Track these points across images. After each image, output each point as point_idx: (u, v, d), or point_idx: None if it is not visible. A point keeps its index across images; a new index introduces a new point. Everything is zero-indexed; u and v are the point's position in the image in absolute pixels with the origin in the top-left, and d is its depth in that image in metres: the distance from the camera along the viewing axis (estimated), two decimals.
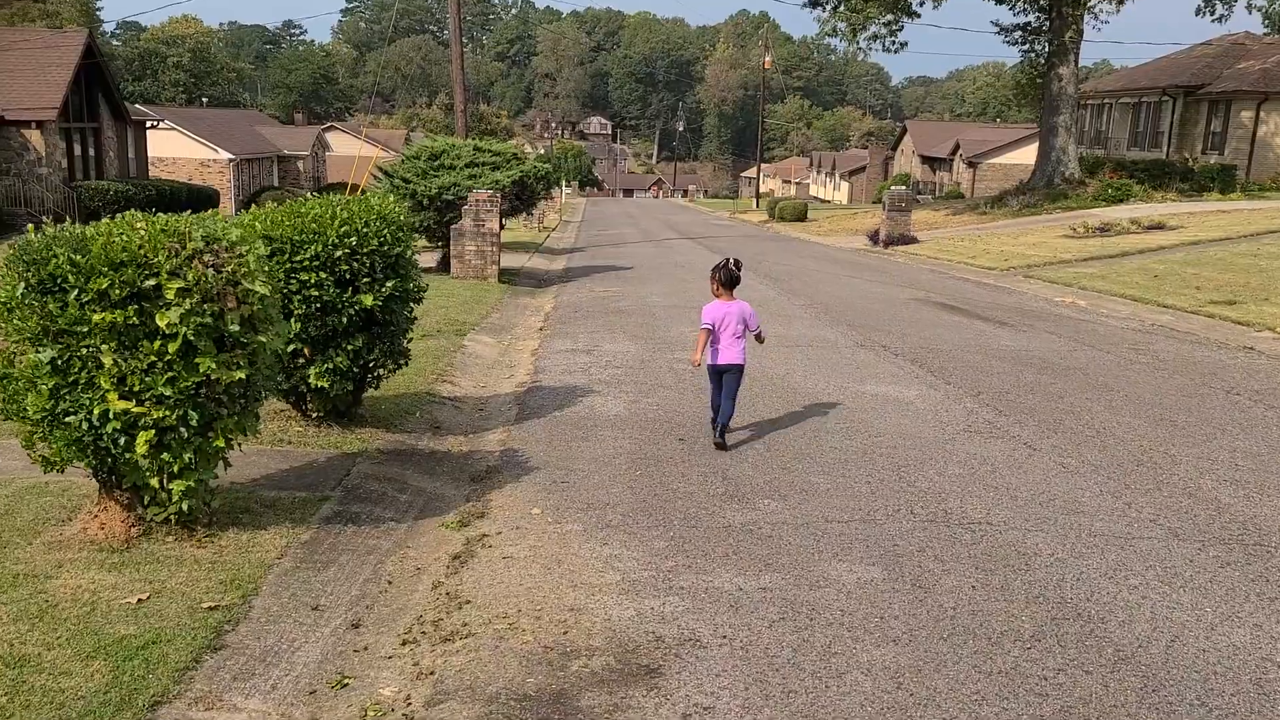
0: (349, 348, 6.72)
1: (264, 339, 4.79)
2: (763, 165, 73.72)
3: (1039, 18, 36.32)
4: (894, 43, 33.77)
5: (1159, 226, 24.37)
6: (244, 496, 5.51)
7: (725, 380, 7.03)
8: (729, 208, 61.26)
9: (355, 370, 6.89)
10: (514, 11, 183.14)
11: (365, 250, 6.58)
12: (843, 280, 18.18)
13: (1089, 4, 34.45)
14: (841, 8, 33.46)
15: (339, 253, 6.47)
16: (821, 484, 6.11)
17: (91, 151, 34.08)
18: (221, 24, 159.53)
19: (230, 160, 49.12)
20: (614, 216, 49.25)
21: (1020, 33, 36.86)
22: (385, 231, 6.73)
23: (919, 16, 33.53)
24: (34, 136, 30.32)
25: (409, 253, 6.96)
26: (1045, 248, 22.91)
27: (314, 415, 7.07)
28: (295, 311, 6.46)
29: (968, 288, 17.26)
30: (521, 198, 19.32)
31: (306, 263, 6.40)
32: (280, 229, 6.42)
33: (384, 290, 6.68)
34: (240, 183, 50.70)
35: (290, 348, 6.60)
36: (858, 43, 33.97)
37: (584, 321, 13.27)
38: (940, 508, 5.65)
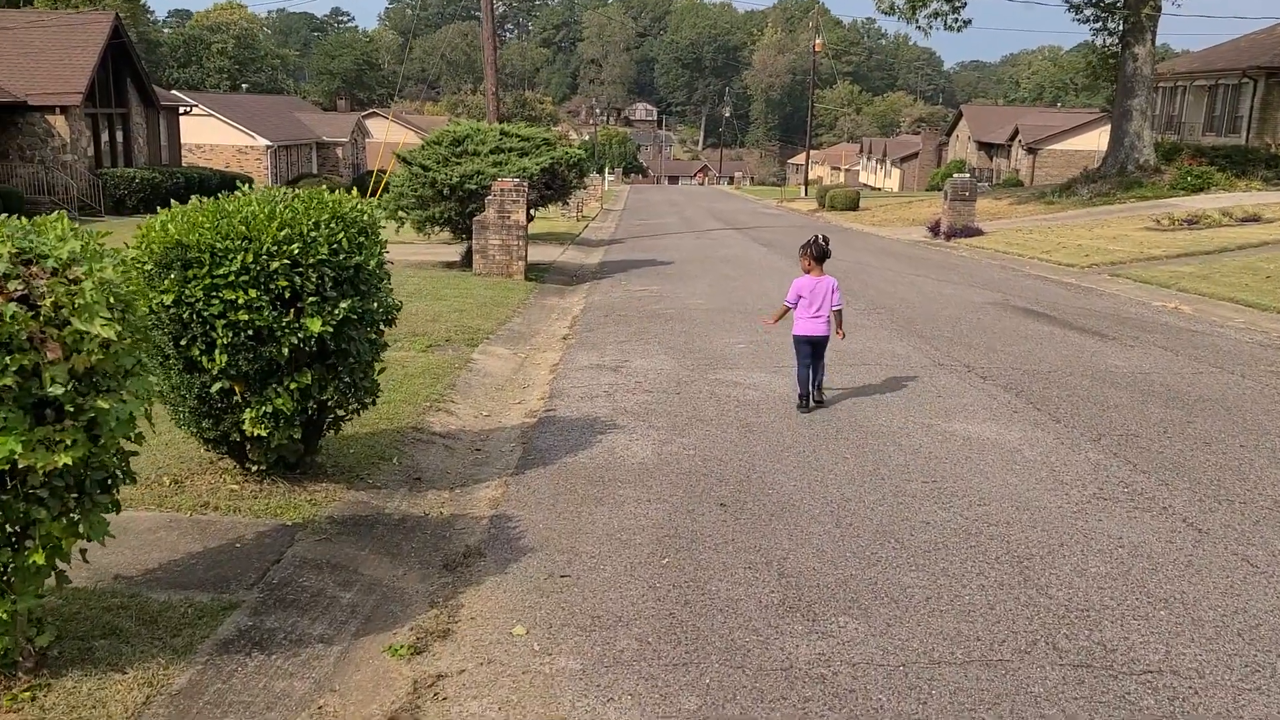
0: (293, 386, 5.19)
1: (107, 404, 3.25)
2: (811, 151, 71.41)
3: None
4: (956, 20, 31.54)
5: (1254, 219, 22.14)
6: (119, 605, 3.99)
7: (814, 351, 7.63)
8: (776, 195, 59.20)
9: (306, 412, 5.37)
10: None
11: (311, 260, 5.03)
12: (906, 279, 16.35)
13: None
14: None
15: (276, 264, 4.93)
16: (915, 586, 4.45)
17: (119, 138, 33.18)
18: (270, 12, 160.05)
19: (268, 147, 48.31)
20: (657, 204, 47.53)
21: (1093, 9, 34.43)
22: (340, 236, 5.17)
23: None
24: (58, 122, 29.42)
25: (374, 263, 5.39)
26: (1128, 242, 20.83)
27: (255, 469, 5.56)
28: (220, 341, 4.95)
29: (1049, 288, 15.35)
30: (553, 186, 17.74)
31: (231, 278, 4.86)
32: (197, 234, 4.89)
33: (337, 312, 5.12)
34: (277, 170, 49.88)
35: (217, 386, 5.10)
36: (917, 21, 31.81)
37: (614, 328, 11.68)
38: (1095, 639, 3.95)
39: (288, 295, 5.02)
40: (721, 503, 5.58)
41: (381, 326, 5.71)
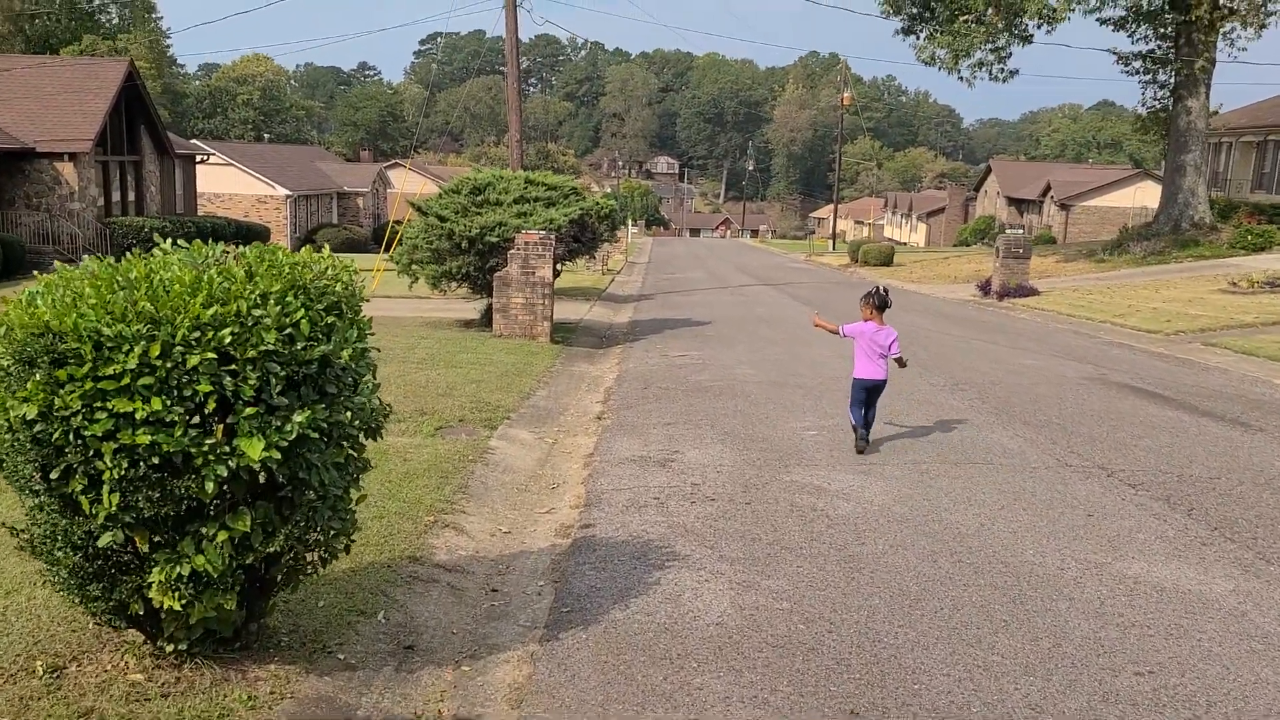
0: (222, 536, 3.50)
1: None
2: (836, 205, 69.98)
3: (1162, 46, 32.47)
4: (1002, 70, 30.13)
5: None
6: None
7: (869, 396, 7.98)
8: (804, 249, 57.73)
9: (246, 568, 3.68)
10: (583, 53, 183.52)
11: (251, 353, 3.36)
12: (976, 347, 14.60)
13: (1224, 29, 30.54)
14: (941, 34, 30.01)
15: (196, 359, 3.27)
16: None
17: (131, 186, 32.13)
18: (297, 65, 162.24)
19: (287, 196, 47.49)
20: (682, 258, 46.12)
21: (1142, 61, 33.01)
22: (299, 315, 3.52)
23: (1031, 41, 29.92)
24: (66, 169, 28.35)
25: (348, 353, 3.71)
26: (1207, 305, 19.04)
27: (173, 648, 3.84)
28: (109, 474, 3.28)
29: (1143, 360, 13.56)
30: (581, 239, 16.19)
31: (126, 380, 3.20)
32: (75, 313, 3.24)
33: (289, 429, 3.44)
34: (296, 219, 49.04)
35: (107, 538, 3.41)
36: (959, 71, 30.41)
37: (656, 405, 9.97)
38: None
39: (214, 405, 3.35)
40: (852, 710, 3.80)
41: (362, 439, 4.03)
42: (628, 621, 4.65)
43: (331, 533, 3.94)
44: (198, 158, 39.20)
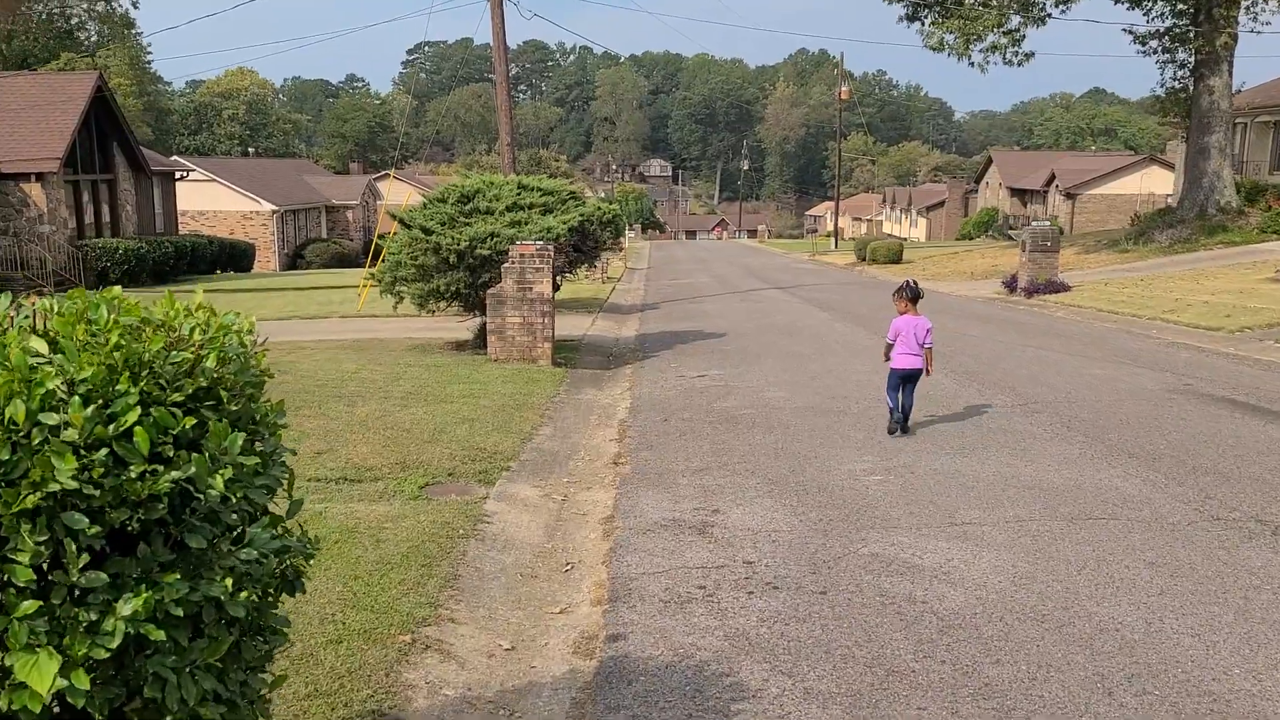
0: None
1: None
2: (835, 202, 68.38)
3: (1180, 23, 30.99)
4: (1016, 54, 28.65)
5: None
6: None
7: (906, 384, 8.40)
8: (807, 248, 56.19)
9: None
10: (572, 58, 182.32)
11: (26, 502, 1.83)
12: (1029, 354, 13.07)
13: (1246, 2, 29.11)
14: (950, 18, 28.54)
15: None
16: None
17: (105, 206, 30.60)
18: (285, 79, 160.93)
19: (273, 212, 45.97)
20: (683, 261, 44.61)
21: (1159, 40, 31.54)
22: (129, 419, 1.99)
23: (1045, 24, 28.46)
24: (34, 190, 26.86)
25: (226, 477, 2.18)
26: (1262, 297, 17.54)
27: None
28: None
29: (1219, 364, 12.04)
30: (582, 248, 14.68)
31: None
32: None
33: (110, 627, 1.92)
34: (284, 235, 47.52)
35: None
36: (970, 56, 28.93)
37: (680, 443, 8.45)
38: None
39: None
40: None
41: (272, 596, 2.49)
42: None
43: None
44: (177, 174, 37.70)
